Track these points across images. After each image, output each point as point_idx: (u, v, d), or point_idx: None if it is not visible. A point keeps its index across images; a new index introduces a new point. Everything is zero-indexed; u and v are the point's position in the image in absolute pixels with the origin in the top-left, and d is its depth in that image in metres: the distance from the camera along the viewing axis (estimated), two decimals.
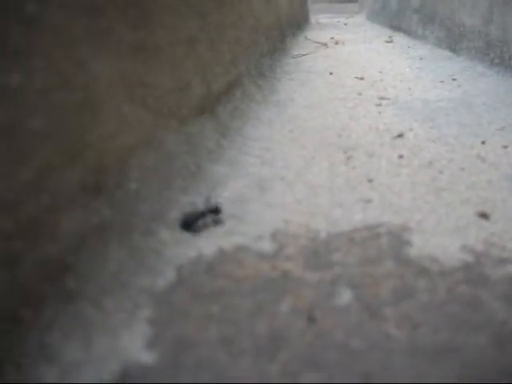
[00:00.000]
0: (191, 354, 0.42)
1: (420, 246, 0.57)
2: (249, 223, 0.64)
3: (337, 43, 2.48)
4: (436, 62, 1.79)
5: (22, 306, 0.39)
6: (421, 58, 1.89)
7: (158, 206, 0.62)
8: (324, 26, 3.71)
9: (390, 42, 2.48)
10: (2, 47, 0.40)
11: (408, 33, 2.69)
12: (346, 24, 3.90)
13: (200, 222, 0.62)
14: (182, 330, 0.44)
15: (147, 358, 0.41)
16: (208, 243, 0.59)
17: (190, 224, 0.61)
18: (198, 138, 0.83)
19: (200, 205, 0.65)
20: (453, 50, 1.94)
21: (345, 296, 0.48)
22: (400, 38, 2.61)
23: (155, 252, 0.55)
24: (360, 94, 1.33)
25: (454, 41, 1.94)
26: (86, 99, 0.52)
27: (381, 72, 1.64)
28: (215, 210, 0.64)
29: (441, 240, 0.58)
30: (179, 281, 0.52)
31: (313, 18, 4.05)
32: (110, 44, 0.60)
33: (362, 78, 1.53)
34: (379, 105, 1.21)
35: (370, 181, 0.76)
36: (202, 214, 0.62)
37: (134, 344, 0.43)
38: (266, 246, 0.58)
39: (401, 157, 0.86)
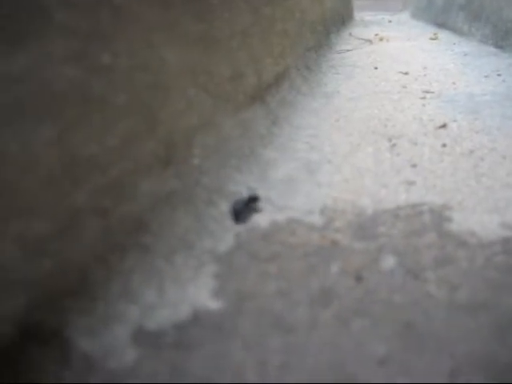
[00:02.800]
0: (252, 303, 0.47)
1: (460, 222, 0.61)
2: (299, 200, 0.69)
3: (381, 40, 2.50)
4: (481, 58, 1.79)
5: (110, 252, 0.45)
6: (466, 55, 1.90)
7: (217, 180, 0.67)
8: (368, 22, 3.71)
9: (435, 38, 2.48)
10: (96, 31, 0.47)
11: (453, 30, 2.68)
12: (390, 21, 3.89)
13: (246, 214, 0.66)
14: (242, 284, 0.50)
15: (213, 304, 0.47)
16: (262, 216, 0.65)
17: (239, 215, 0.66)
18: (251, 124, 0.88)
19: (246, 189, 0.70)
20: (499, 46, 1.94)
21: (389, 261, 0.53)
22: (445, 35, 2.60)
23: (216, 220, 0.61)
24: (404, 87, 1.36)
25: (500, 37, 1.94)
26: (159, 81, 0.58)
27: (425, 67, 1.66)
28: (254, 198, 0.69)
29: (480, 217, 0.62)
30: (238, 245, 0.57)
31: (356, 15, 4.06)
32: (178, 33, 0.67)
33: (406, 73, 1.56)
34: (423, 98, 1.24)
35: (414, 166, 0.80)
36: (247, 204, 0.66)
37: (201, 293, 0.49)
38: (316, 219, 0.64)
39: (444, 145, 0.89)
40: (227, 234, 0.59)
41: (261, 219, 0.64)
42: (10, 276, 0.35)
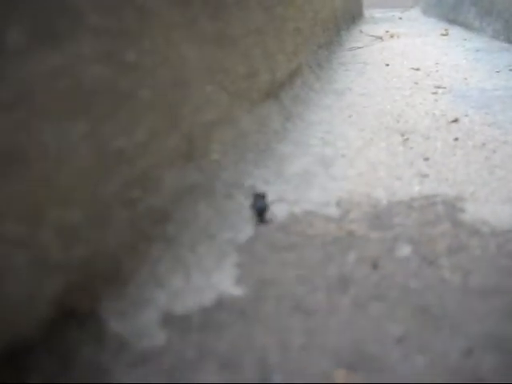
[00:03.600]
0: (273, 289, 0.49)
1: (473, 212, 0.63)
2: (315, 193, 0.71)
3: (392, 36, 2.51)
4: (493, 54, 1.80)
5: (138, 241, 0.48)
6: (477, 50, 1.91)
7: (235, 175, 0.70)
8: (378, 20, 3.72)
9: (446, 35, 2.48)
10: (122, 30, 0.49)
11: (465, 26, 2.68)
12: (400, 18, 3.89)
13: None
14: (263, 272, 0.52)
15: (236, 290, 0.49)
16: (280, 209, 0.67)
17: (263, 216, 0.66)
18: (265, 120, 0.90)
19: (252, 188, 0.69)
20: (510, 41, 1.94)
21: (405, 250, 0.55)
22: (456, 31, 2.61)
23: (235, 212, 0.63)
24: (416, 83, 1.37)
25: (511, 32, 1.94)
26: (179, 77, 0.61)
27: (437, 63, 1.67)
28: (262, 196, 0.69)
29: (493, 208, 0.63)
30: (257, 236, 0.60)
31: (366, 13, 4.06)
32: (196, 32, 0.69)
33: (417, 69, 1.57)
34: (435, 93, 1.25)
35: (427, 159, 0.81)
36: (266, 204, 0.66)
37: (225, 281, 0.51)
38: (332, 211, 0.66)
39: (456, 139, 0.91)
40: (246, 226, 0.62)
41: (279, 211, 0.66)
42: (50, 260, 0.37)
